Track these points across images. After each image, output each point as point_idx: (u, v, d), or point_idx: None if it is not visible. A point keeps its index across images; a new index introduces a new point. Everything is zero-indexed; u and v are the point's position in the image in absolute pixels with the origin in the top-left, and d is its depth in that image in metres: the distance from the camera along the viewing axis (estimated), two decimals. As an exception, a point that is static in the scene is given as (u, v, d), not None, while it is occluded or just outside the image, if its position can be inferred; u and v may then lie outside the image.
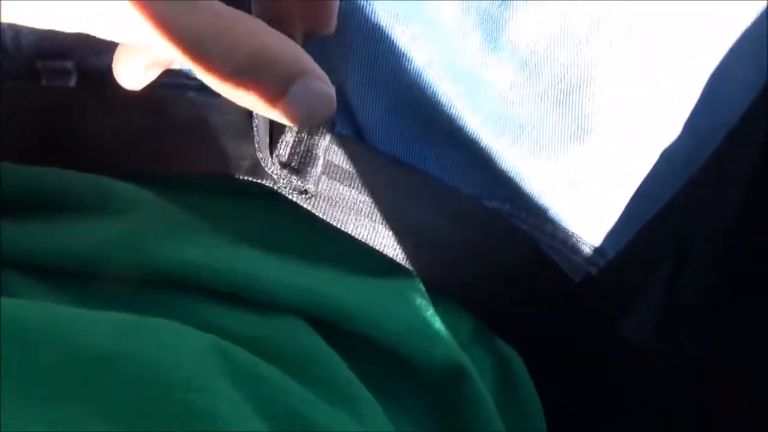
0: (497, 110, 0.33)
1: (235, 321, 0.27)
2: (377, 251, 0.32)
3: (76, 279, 0.28)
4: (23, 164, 0.32)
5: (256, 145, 0.29)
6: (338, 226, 0.31)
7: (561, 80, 0.33)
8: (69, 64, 0.35)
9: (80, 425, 0.21)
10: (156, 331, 0.23)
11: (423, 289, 0.32)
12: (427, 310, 0.31)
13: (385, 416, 0.28)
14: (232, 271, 0.28)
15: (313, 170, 0.30)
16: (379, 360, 0.30)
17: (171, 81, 0.33)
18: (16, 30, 0.35)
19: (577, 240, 0.34)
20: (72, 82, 0.35)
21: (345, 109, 0.33)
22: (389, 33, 0.32)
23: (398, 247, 0.32)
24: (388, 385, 0.30)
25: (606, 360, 0.38)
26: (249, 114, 0.30)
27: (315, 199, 0.31)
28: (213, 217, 0.31)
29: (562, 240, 0.34)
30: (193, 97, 0.32)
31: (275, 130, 0.30)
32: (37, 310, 0.23)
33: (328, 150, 0.31)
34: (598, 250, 0.35)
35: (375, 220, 0.32)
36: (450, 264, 0.33)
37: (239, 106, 0.26)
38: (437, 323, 0.30)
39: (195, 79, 0.32)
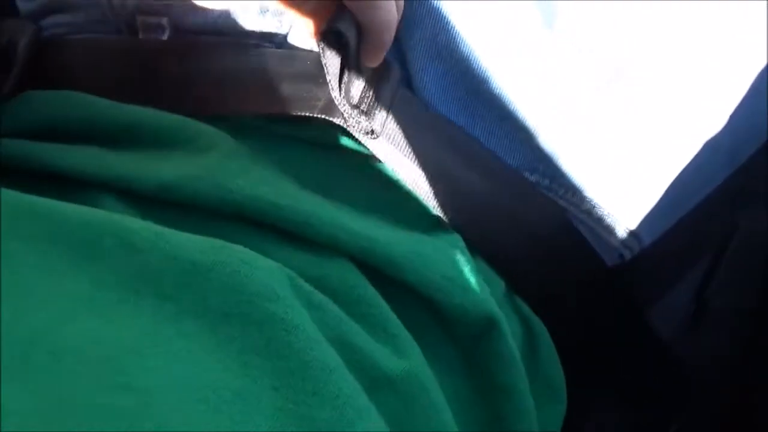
0: (545, 88, 0.35)
1: (295, 258, 0.30)
2: (422, 210, 0.34)
3: (163, 206, 0.31)
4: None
5: (330, 87, 0.32)
6: (394, 169, 0.34)
7: (608, 64, 0.35)
8: (164, 20, 0.38)
9: (175, 321, 0.24)
10: (237, 251, 0.26)
11: (463, 246, 0.34)
12: (465, 264, 0.32)
13: (422, 356, 0.30)
14: (297, 210, 0.31)
15: (379, 113, 0.33)
16: (415, 308, 0.32)
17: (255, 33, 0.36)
18: None
19: (612, 221, 0.36)
20: (165, 37, 0.39)
21: (404, 76, 0.36)
22: (451, 9, 0.35)
23: (441, 200, 0.34)
24: (422, 333, 0.31)
25: (629, 345, 0.39)
26: (320, 62, 0.32)
27: (378, 141, 0.33)
28: (278, 163, 0.34)
29: (598, 219, 0.36)
30: (272, 49, 0.35)
31: (346, 77, 0.32)
32: (143, 224, 0.27)
33: (393, 97, 0.34)
34: (633, 234, 0.36)
35: (425, 172, 0.34)
36: (487, 226, 0.35)
37: (314, 55, 0.29)
38: (473, 276, 0.32)
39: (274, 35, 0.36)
